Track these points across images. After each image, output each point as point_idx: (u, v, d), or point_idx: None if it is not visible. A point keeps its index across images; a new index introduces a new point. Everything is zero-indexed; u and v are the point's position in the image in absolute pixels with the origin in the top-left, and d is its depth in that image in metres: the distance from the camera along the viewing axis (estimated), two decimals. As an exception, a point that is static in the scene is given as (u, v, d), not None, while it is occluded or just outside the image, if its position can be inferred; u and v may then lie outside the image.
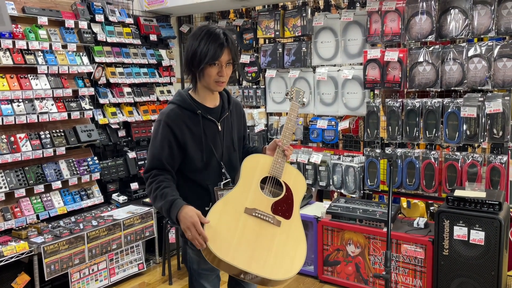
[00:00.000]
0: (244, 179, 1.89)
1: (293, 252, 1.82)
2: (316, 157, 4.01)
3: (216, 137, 1.97)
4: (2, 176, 3.25)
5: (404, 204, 3.80)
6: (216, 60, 1.83)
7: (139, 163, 4.33)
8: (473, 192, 2.96)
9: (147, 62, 4.38)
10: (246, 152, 2.11)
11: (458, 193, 2.95)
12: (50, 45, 3.52)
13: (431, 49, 3.39)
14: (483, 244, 2.80)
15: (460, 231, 2.88)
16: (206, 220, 1.72)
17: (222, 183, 1.94)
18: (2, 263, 2.89)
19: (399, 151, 3.57)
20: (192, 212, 1.73)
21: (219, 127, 1.98)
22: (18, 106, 3.32)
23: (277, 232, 1.83)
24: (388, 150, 3.60)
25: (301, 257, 1.81)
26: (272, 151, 2.01)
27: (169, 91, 4.62)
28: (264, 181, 1.93)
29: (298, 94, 2.10)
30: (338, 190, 4.01)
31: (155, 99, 4.47)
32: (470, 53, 3.24)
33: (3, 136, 3.26)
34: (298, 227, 1.88)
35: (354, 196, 3.85)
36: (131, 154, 4.26)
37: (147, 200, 4.09)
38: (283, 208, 1.89)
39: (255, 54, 4.46)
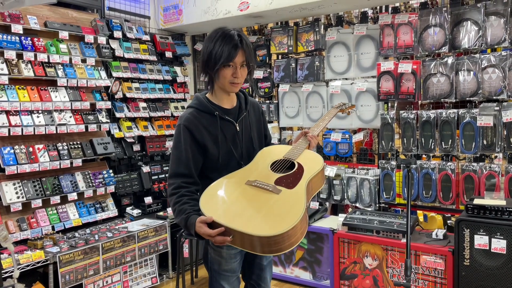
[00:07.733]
0: (255, 161, 1.94)
1: (285, 213, 1.67)
2: (330, 171, 3.99)
3: (235, 137, 1.99)
4: (20, 186, 3.27)
5: (421, 218, 3.74)
6: (230, 62, 1.86)
7: (153, 177, 4.35)
8: (493, 200, 2.92)
9: (162, 78, 4.47)
10: None
11: (477, 201, 2.92)
12: (70, 59, 3.61)
13: (444, 60, 3.42)
14: (505, 252, 2.75)
15: (481, 240, 2.83)
16: (209, 219, 1.69)
17: None
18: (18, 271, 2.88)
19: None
20: (199, 224, 1.73)
21: (237, 127, 2.00)
22: (38, 117, 3.38)
23: (274, 197, 1.75)
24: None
25: (292, 218, 1.64)
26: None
27: (183, 107, 4.68)
28: (276, 164, 1.95)
29: (343, 105, 2.35)
30: (353, 204, 3.97)
31: (170, 115, 4.53)
32: (484, 63, 3.26)
33: (22, 146, 3.31)
34: (299, 195, 1.76)
35: (369, 209, 3.81)
36: (145, 169, 4.28)
37: (161, 213, 4.08)
38: (288, 180, 1.83)
39: (268, 70, 4.52)
